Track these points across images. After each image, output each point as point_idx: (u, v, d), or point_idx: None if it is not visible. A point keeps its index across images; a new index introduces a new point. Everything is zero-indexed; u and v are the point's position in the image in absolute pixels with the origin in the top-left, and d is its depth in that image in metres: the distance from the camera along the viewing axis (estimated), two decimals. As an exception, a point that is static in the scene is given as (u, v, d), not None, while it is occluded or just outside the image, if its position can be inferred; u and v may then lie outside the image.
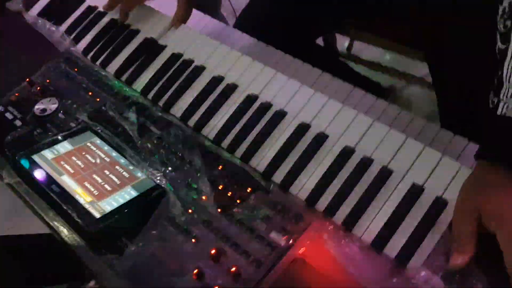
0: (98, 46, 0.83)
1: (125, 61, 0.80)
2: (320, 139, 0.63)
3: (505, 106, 0.53)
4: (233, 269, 0.53)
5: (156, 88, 0.75)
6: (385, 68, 1.26)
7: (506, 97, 0.53)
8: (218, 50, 0.76)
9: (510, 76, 0.53)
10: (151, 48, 0.80)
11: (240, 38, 0.85)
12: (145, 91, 0.75)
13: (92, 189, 0.61)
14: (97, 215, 0.58)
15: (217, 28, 0.87)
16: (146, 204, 0.61)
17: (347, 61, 1.28)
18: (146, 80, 0.76)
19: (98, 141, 0.68)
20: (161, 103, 0.73)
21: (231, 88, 0.71)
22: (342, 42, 1.28)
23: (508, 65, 0.54)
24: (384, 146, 0.61)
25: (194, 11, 0.86)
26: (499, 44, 0.57)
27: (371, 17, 1.00)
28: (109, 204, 0.60)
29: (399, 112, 0.68)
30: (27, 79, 0.78)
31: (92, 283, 0.60)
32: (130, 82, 0.77)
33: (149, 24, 0.83)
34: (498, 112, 0.53)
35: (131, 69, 0.78)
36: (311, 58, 0.79)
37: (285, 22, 1.01)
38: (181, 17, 0.81)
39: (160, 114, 0.72)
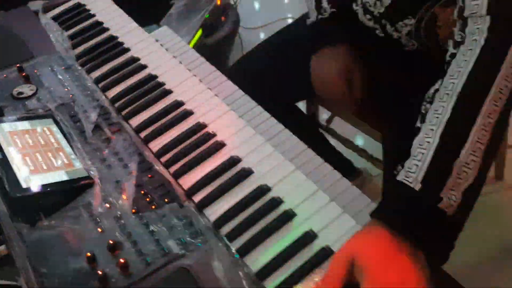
0: (90, 55, 0.92)
1: (108, 72, 0.88)
2: (245, 173, 0.69)
3: (404, 173, 0.58)
4: (122, 261, 0.58)
5: (124, 100, 0.83)
6: (361, 150, 1.31)
7: (408, 167, 0.58)
8: (189, 80, 0.84)
9: (415, 150, 0.59)
10: (132, 65, 0.88)
11: (222, 82, 0.91)
12: (115, 100, 0.83)
13: (30, 164, 0.67)
14: (24, 185, 0.64)
15: (207, 70, 0.93)
16: (71, 189, 0.66)
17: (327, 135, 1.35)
18: (118, 90, 0.84)
19: (54, 128, 0.75)
20: (123, 113, 0.81)
21: (187, 114, 0.79)
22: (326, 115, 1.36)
23: (417, 140, 0.60)
24: (296, 192, 0.66)
25: (193, 52, 0.94)
26: (418, 122, 0.63)
27: None
28: (40, 179, 0.66)
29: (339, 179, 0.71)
30: (17, 65, 0.87)
31: (2, 247, 0.65)
32: (105, 89, 0.85)
33: (140, 45, 0.92)
34: (398, 178, 0.58)
35: (109, 79, 0.87)
36: (289, 121, 0.84)
37: (270, 81, 1.10)
38: None
39: (117, 121, 0.79)
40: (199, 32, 1.42)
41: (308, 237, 0.61)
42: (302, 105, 1.31)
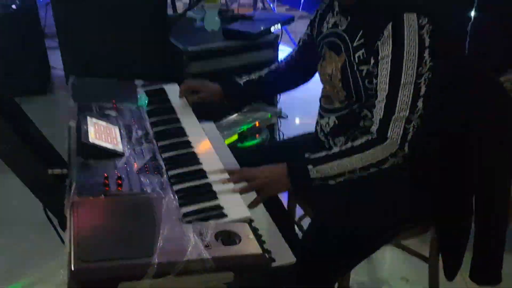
0: (154, 111, 1.53)
1: (158, 120, 1.47)
2: (202, 175, 1.19)
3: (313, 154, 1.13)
4: (119, 182, 1.09)
5: (160, 132, 1.40)
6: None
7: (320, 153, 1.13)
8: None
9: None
10: (173, 124, 1.47)
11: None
12: (155, 132, 1.40)
13: (97, 136, 1.24)
14: (90, 140, 1.20)
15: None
16: (111, 153, 1.21)
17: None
18: (160, 129, 1.42)
19: (117, 130, 1.33)
20: (156, 137, 1.37)
21: (182, 133, 1.33)
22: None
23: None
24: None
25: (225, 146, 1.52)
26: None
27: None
28: (99, 142, 1.21)
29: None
30: (113, 100, 1.50)
31: (65, 170, 1.19)
32: (153, 126, 1.43)
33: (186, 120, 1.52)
34: (307, 156, 1.18)
35: (158, 125, 1.45)
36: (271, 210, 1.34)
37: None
38: None
39: (151, 139, 1.35)
40: (235, 137, 2.02)
41: (218, 208, 1.08)
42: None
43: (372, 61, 1.22)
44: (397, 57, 1.16)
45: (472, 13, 3.66)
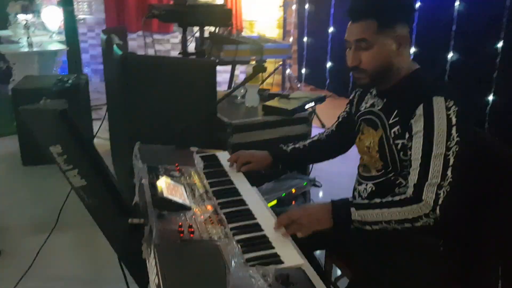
0: (209, 172, 1.75)
1: (214, 181, 1.68)
2: (259, 228, 1.38)
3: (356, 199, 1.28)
4: (191, 230, 1.28)
5: (218, 190, 1.60)
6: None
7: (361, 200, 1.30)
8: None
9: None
10: (229, 186, 1.68)
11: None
12: (214, 191, 1.60)
13: (167, 190, 1.45)
14: (162, 195, 1.40)
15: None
16: (180, 206, 1.41)
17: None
18: (218, 188, 1.62)
19: (182, 188, 1.54)
20: (214, 194, 1.57)
21: (236, 192, 1.52)
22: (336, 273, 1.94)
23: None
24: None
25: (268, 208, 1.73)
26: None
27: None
28: (169, 196, 1.42)
29: None
30: (176, 164, 1.72)
31: (142, 220, 1.39)
32: (211, 186, 1.64)
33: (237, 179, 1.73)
34: (351, 199, 1.29)
35: (214, 184, 1.66)
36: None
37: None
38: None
39: (211, 196, 1.55)
40: (274, 202, 2.20)
41: (276, 255, 1.25)
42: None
43: (407, 135, 1.43)
44: (429, 132, 1.37)
45: (490, 98, 3.94)
